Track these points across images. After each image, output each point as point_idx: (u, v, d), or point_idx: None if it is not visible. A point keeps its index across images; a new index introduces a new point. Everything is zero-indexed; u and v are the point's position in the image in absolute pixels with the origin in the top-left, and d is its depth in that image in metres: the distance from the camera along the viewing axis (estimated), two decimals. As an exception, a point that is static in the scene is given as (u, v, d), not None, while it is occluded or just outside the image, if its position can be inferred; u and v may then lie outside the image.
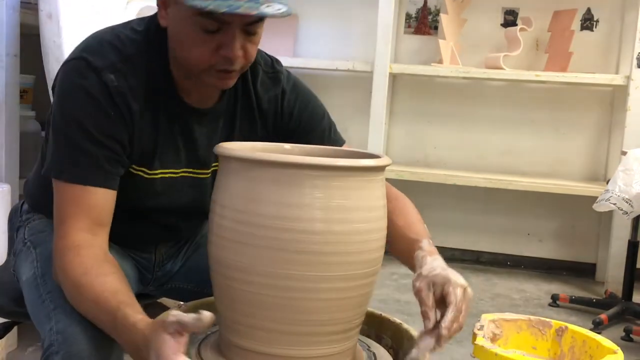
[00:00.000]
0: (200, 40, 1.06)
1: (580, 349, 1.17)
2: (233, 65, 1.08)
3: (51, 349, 1.00)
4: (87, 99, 1.07)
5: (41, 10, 1.92)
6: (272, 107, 1.25)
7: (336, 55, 3.64)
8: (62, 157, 1.08)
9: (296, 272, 0.95)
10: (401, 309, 2.74)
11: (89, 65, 1.08)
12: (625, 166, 2.54)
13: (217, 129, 1.22)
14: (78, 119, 1.07)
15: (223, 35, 1.05)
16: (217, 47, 1.06)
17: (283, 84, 1.27)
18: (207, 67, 1.08)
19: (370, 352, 1.16)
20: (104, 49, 1.11)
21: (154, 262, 1.35)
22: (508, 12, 3.56)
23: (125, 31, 1.15)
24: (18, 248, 1.29)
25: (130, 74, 1.10)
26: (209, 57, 1.07)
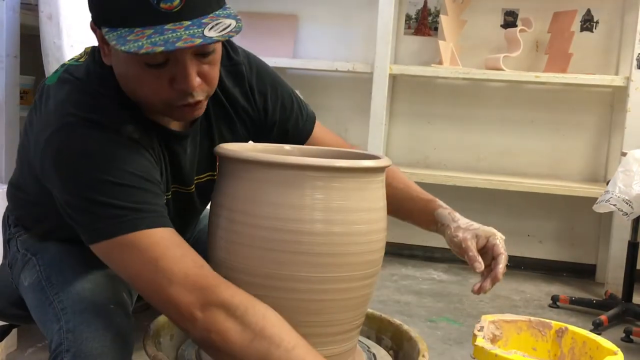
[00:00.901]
0: (150, 77, 0.96)
1: (580, 350, 1.17)
2: (194, 97, 0.98)
3: (61, 347, 1.01)
4: (107, 147, 0.97)
5: (41, 11, 1.92)
6: (246, 104, 1.19)
7: (336, 57, 3.64)
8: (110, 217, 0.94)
9: (296, 273, 0.95)
10: (401, 310, 2.74)
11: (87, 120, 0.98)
12: (625, 167, 2.54)
13: (197, 146, 1.15)
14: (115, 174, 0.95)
15: (173, 65, 0.95)
16: (171, 81, 0.96)
17: (247, 76, 1.18)
18: (167, 104, 0.99)
19: (370, 352, 1.16)
20: (81, 99, 1.01)
21: None
22: (508, 13, 3.56)
23: (76, 67, 1.06)
24: (14, 258, 1.25)
25: (114, 112, 1.01)
26: (165, 93, 0.97)
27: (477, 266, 1.14)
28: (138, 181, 0.97)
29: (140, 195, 0.96)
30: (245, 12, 3.58)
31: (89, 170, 0.96)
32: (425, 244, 3.58)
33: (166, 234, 0.95)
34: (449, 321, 2.62)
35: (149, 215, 0.95)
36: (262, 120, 1.22)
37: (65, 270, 1.12)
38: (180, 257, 0.93)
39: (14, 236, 1.30)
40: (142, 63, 0.94)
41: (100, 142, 0.97)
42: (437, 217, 1.21)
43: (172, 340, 1.17)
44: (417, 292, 3.04)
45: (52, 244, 1.18)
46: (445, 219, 1.19)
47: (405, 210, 1.25)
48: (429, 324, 2.59)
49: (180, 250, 0.94)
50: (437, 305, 2.82)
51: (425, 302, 2.87)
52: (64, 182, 0.98)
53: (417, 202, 1.24)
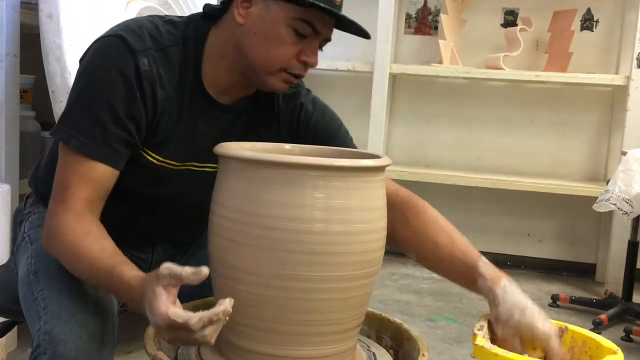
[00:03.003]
0: (287, 41, 1.11)
1: (580, 349, 1.17)
2: (306, 72, 1.15)
3: (38, 350, 1.01)
4: (117, 75, 1.09)
5: (41, 10, 1.92)
6: (288, 117, 1.28)
7: (336, 56, 3.64)
8: (78, 123, 1.09)
9: (296, 272, 0.95)
10: (401, 309, 2.75)
11: (125, 44, 1.10)
12: (625, 166, 2.54)
13: (235, 126, 1.24)
14: (103, 93, 1.09)
15: (308, 42, 1.13)
16: (300, 52, 1.13)
17: (302, 97, 1.30)
18: (282, 68, 1.13)
19: (370, 352, 1.17)
20: (142, 34, 1.13)
21: (150, 262, 1.35)
22: (508, 13, 3.56)
23: (164, 24, 1.18)
24: (18, 242, 1.31)
25: (162, 63, 1.13)
26: (289, 59, 1.13)
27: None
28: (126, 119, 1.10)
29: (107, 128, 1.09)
30: (245, 11, 3.58)
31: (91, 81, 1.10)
32: (425, 243, 3.58)
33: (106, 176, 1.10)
34: (449, 320, 2.62)
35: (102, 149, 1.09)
36: (299, 132, 1.28)
37: (52, 265, 1.13)
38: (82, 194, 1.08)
39: (25, 217, 1.33)
40: (291, 29, 1.11)
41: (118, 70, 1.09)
42: (481, 289, 1.12)
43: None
44: (417, 291, 3.04)
45: None
46: (487, 298, 1.10)
47: (447, 273, 1.19)
48: (429, 323, 2.59)
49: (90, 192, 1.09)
50: (437, 305, 2.82)
51: (425, 301, 2.87)
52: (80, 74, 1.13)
53: (459, 267, 1.15)
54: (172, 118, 1.16)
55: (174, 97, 1.15)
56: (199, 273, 0.85)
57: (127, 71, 1.09)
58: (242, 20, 1.13)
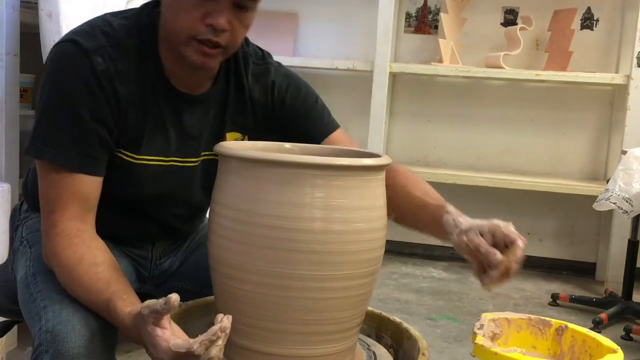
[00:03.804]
0: (191, 5, 1.05)
1: (580, 348, 1.17)
2: (217, 37, 1.07)
3: (40, 349, 1.00)
4: (75, 80, 1.07)
5: (41, 9, 1.92)
6: (262, 97, 1.25)
7: (336, 55, 3.64)
8: (48, 138, 1.07)
9: (296, 271, 0.95)
10: (401, 308, 2.75)
11: (78, 47, 1.08)
12: (625, 165, 2.54)
13: (208, 118, 1.21)
14: (65, 101, 1.07)
15: (212, 3, 1.05)
16: (205, 15, 1.06)
17: (272, 75, 1.26)
18: (191, 35, 1.07)
19: (370, 351, 1.16)
20: (94, 32, 1.10)
21: (150, 259, 1.35)
22: (508, 11, 3.56)
23: (116, 18, 1.15)
24: (16, 246, 1.30)
25: (119, 58, 1.10)
26: (195, 23, 1.06)
27: (496, 258, 1.01)
28: (94, 122, 1.08)
29: (81, 134, 1.07)
30: (245, 10, 3.58)
31: (52, 93, 1.08)
32: (426, 242, 3.58)
33: (89, 186, 1.09)
34: (449, 319, 2.62)
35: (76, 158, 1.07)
36: (277, 112, 1.26)
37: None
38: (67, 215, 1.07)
39: (21, 222, 1.32)
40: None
41: (74, 75, 1.07)
42: (444, 225, 1.10)
43: (172, 338, 1.17)
44: (417, 290, 3.04)
45: None
46: (449, 227, 1.09)
47: (419, 222, 1.19)
48: (429, 322, 2.60)
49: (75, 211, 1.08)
50: (437, 304, 2.82)
51: (425, 300, 2.87)
52: (42, 88, 1.11)
53: (429, 211, 1.15)
54: (139, 113, 1.14)
55: (136, 91, 1.12)
56: (169, 302, 0.87)
57: (84, 73, 1.07)
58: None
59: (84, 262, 1.03)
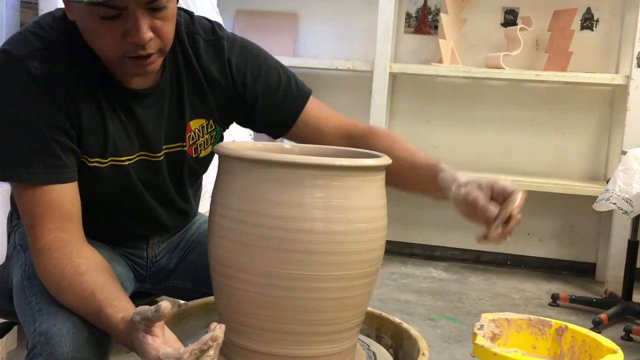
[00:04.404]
0: (104, 29, 1.00)
1: (580, 349, 1.17)
2: (146, 49, 1.02)
3: (34, 351, 1.00)
4: (16, 91, 1.03)
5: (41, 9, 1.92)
6: (221, 77, 1.20)
7: (336, 55, 3.64)
8: (8, 155, 1.04)
9: (296, 271, 0.95)
10: (401, 308, 2.75)
11: (10, 56, 1.04)
12: (625, 166, 2.54)
13: (164, 109, 1.17)
14: (13, 116, 1.03)
15: (125, 20, 0.99)
16: (124, 34, 1.00)
17: (227, 51, 1.20)
18: (120, 56, 1.03)
19: (370, 351, 1.16)
20: (25, 37, 1.06)
21: (146, 258, 1.34)
22: (508, 12, 3.56)
23: (46, 19, 1.10)
24: (10, 252, 1.29)
25: (56, 59, 1.06)
26: (118, 45, 1.01)
27: (491, 212, 1.01)
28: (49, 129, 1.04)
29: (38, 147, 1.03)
30: (245, 10, 3.58)
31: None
32: (426, 242, 3.58)
33: (64, 195, 1.06)
34: (449, 319, 2.62)
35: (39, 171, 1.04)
36: (239, 94, 1.21)
37: None
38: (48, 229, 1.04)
39: (14, 229, 1.31)
40: (98, 17, 0.99)
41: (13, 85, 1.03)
42: (440, 182, 1.08)
43: (172, 338, 1.17)
44: (417, 290, 3.04)
45: None
46: (447, 182, 1.07)
47: (410, 181, 1.16)
48: (429, 322, 2.60)
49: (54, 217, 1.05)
50: (437, 304, 2.82)
51: (425, 301, 2.87)
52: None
53: (420, 170, 1.14)
54: (92, 114, 1.09)
55: (84, 92, 1.08)
56: (159, 310, 0.85)
57: (24, 82, 1.03)
58: (72, 17, 1.05)
59: (66, 276, 1.01)
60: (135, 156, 1.16)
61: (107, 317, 0.95)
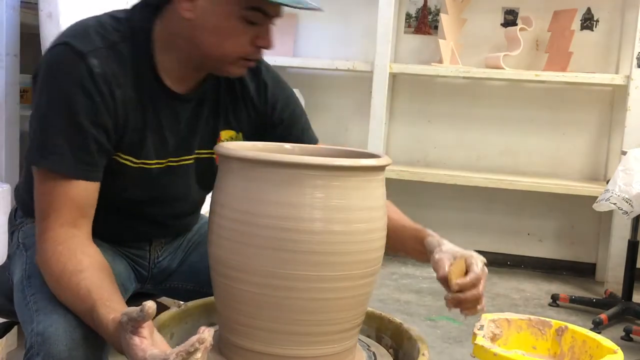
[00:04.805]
0: (240, 31, 1.09)
1: (580, 349, 1.17)
2: (262, 54, 1.15)
3: (32, 351, 1.00)
4: (72, 84, 1.06)
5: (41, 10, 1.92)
6: (256, 95, 1.27)
7: (336, 55, 3.64)
8: (46, 144, 1.06)
9: (296, 272, 0.95)
10: (401, 308, 2.75)
11: (73, 50, 1.07)
12: (625, 166, 2.54)
13: (202, 115, 1.22)
14: (64, 107, 1.06)
15: (260, 27, 1.10)
16: (254, 38, 1.11)
17: (264, 75, 1.28)
18: (239, 57, 1.12)
19: (370, 351, 1.17)
20: (88, 34, 1.09)
21: (149, 259, 1.35)
22: (508, 12, 3.56)
23: (108, 19, 1.14)
24: (12, 251, 1.30)
25: (114, 60, 1.09)
26: (245, 47, 1.11)
27: (438, 272, 1.11)
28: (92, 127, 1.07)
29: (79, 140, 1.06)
30: (245, 10, 3.57)
31: (48, 98, 1.07)
32: (425, 242, 3.58)
33: (85, 192, 1.08)
34: (449, 320, 2.62)
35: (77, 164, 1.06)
36: (268, 115, 1.28)
37: None
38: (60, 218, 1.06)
39: (17, 227, 1.32)
40: (241, 19, 1.08)
41: (71, 79, 1.06)
42: (426, 245, 1.17)
43: (172, 338, 1.17)
44: (417, 290, 3.04)
45: None
46: (432, 246, 1.16)
47: (398, 240, 1.23)
48: (429, 322, 2.60)
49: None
50: (437, 304, 2.82)
51: (425, 301, 2.87)
52: (37, 93, 1.10)
53: (409, 231, 1.23)
54: (137, 116, 1.13)
55: (133, 94, 1.12)
56: (144, 310, 0.85)
57: (81, 77, 1.06)
58: (190, 15, 1.09)
59: (66, 272, 1.02)
60: (166, 161, 1.20)
61: (98, 317, 0.95)
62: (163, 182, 1.21)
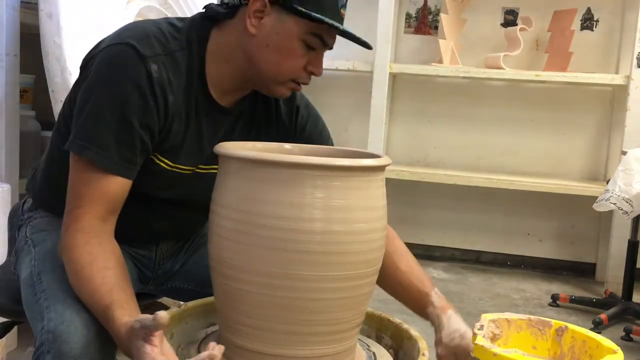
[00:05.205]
0: (298, 54, 1.15)
1: (580, 349, 1.17)
2: (308, 80, 1.19)
3: (42, 348, 1.00)
4: (130, 85, 1.09)
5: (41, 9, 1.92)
6: (287, 118, 1.31)
7: (336, 55, 3.61)
8: (93, 136, 1.08)
9: (296, 272, 0.96)
10: (401, 308, 2.73)
11: (136, 52, 1.10)
12: (625, 166, 2.54)
13: (237, 127, 1.26)
14: (117, 104, 1.08)
15: (314, 53, 1.17)
16: (307, 63, 1.17)
17: (297, 100, 1.32)
18: (291, 78, 1.17)
19: (370, 351, 1.17)
20: (149, 39, 1.13)
21: (154, 260, 1.35)
22: (508, 12, 3.56)
23: (167, 27, 1.18)
24: (19, 246, 1.29)
25: (171, 67, 1.13)
26: (299, 70, 1.16)
27: None
28: (141, 128, 1.10)
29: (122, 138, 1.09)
30: (245, 10, 3.57)
31: (104, 93, 1.09)
32: (425, 242, 3.58)
33: (119, 188, 1.10)
34: (449, 320, 2.61)
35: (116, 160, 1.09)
36: (296, 136, 1.32)
37: (57, 268, 1.13)
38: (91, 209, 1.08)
39: (25, 222, 1.32)
40: (302, 43, 1.14)
41: (130, 79, 1.09)
42: (429, 316, 1.26)
43: (173, 338, 1.17)
44: (417, 290, 3.03)
45: (55, 235, 1.18)
46: (433, 322, 1.24)
47: (401, 298, 1.31)
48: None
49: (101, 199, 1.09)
50: (437, 304, 2.82)
51: (425, 301, 2.87)
52: (92, 85, 1.12)
53: (413, 293, 1.28)
54: (181, 123, 1.17)
55: (182, 101, 1.16)
56: (156, 319, 0.87)
57: (140, 79, 1.09)
58: (254, 31, 1.13)
59: (94, 265, 1.03)
60: (195, 167, 1.23)
61: (113, 317, 0.97)
62: (191, 186, 1.23)
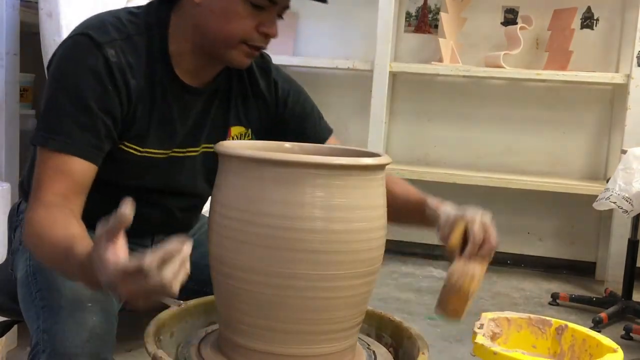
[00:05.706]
0: (246, 15, 1.12)
1: (580, 348, 1.17)
2: (265, 43, 1.16)
3: (37, 348, 1.00)
4: (87, 71, 1.09)
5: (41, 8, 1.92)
6: (267, 92, 1.30)
7: (336, 54, 3.64)
8: (53, 126, 1.09)
9: (296, 271, 0.95)
10: (401, 307, 2.75)
11: (91, 40, 1.10)
12: (625, 165, 2.54)
13: (211, 107, 1.25)
14: (76, 91, 1.09)
15: (265, 14, 1.13)
16: (258, 25, 1.13)
17: (273, 74, 1.31)
18: (242, 41, 1.14)
19: (370, 350, 1.17)
20: (105, 27, 1.13)
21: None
22: (508, 11, 3.56)
23: (125, 14, 1.18)
24: (15, 247, 1.30)
25: (129, 51, 1.13)
26: (249, 31, 1.13)
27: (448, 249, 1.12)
28: (102, 114, 1.10)
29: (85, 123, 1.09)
30: (245, 9, 3.57)
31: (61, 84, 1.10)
32: (425, 241, 3.58)
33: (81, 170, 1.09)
34: (449, 319, 2.62)
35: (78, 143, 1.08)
36: (278, 112, 1.31)
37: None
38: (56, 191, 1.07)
39: (20, 223, 1.32)
40: (247, 2, 1.11)
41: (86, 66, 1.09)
42: (427, 216, 1.19)
43: (172, 337, 1.17)
44: (417, 289, 3.04)
45: None
46: (432, 220, 1.18)
47: (405, 216, 1.25)
48: (429, 321, 2.59)
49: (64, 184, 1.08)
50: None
51: (425, 300, 2.87)
52: (50, 80, 1.13)
53: (412, 205, 1.25)
54: (146, 107, 1.16)
55: (145, 85, 1.15)
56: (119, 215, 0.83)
57: (96, 65, 1.09)
58: (198, 0, 1.13)
59: (56, 225, 1.01)
60: (170, 151, 1.22)
61: (73, 252, 0.93)
62: (168, 171, 1.23)
